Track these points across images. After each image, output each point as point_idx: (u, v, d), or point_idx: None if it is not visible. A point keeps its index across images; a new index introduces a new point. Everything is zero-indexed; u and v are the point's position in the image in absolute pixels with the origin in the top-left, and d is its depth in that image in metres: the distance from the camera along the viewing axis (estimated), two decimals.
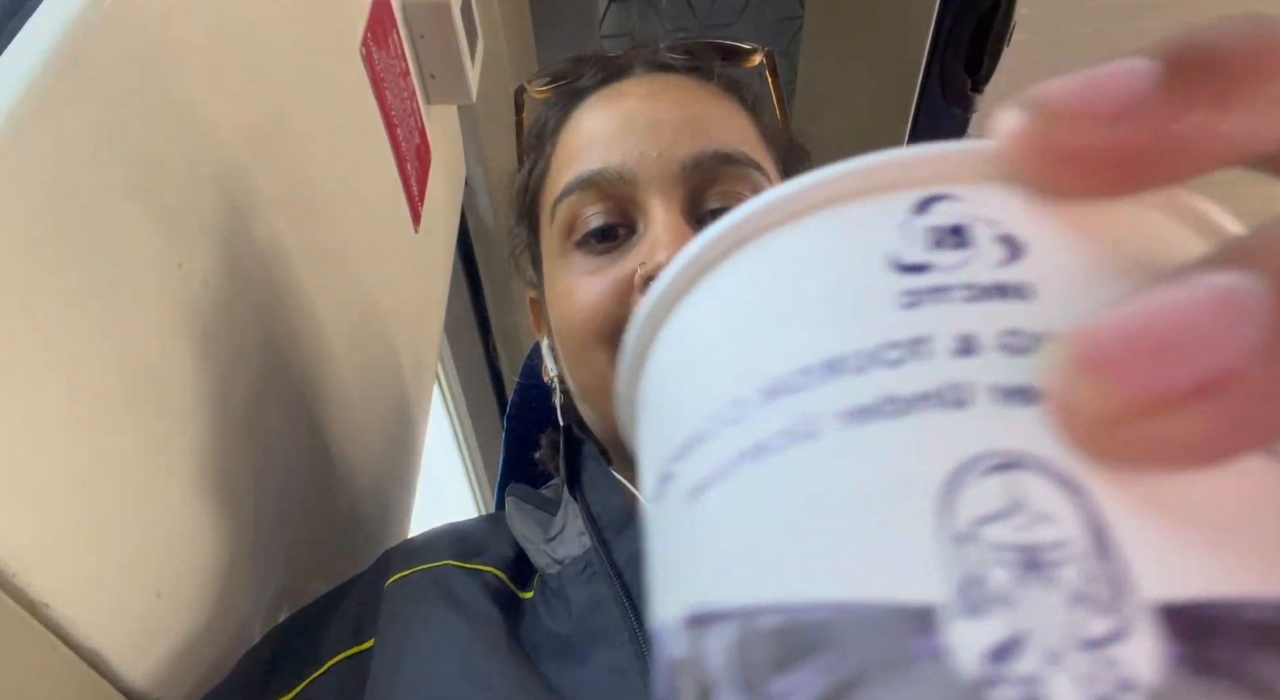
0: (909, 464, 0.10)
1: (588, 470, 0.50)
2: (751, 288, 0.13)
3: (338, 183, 0.50)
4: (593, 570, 0.43)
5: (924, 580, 0.09)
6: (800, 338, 0.12)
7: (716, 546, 0.11)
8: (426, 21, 0.63)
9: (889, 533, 0.10)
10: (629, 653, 0.39)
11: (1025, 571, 0.09)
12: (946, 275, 0.11)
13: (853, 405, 0.11)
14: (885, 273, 0.11)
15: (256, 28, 0.41)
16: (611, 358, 0.46)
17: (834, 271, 0.12)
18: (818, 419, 0.11)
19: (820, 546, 0.10)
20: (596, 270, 0.48)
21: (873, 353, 0.11)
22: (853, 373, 0.11)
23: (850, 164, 0.12)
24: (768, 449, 0.11)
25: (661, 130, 0.49)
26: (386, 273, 0.59)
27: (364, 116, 0.54)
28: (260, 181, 0.41)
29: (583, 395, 0.50)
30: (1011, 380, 0.10)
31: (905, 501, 0.10)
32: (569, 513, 0.48)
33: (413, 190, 0.63)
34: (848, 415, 0.11)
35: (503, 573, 0.46)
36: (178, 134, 0.35)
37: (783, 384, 0.11)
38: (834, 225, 0.12)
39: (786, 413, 0.11)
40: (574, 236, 0.49)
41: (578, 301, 0.48)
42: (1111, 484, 0.10)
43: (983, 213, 0.12)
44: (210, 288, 0.37)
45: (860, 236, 0.12)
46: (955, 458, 0.10)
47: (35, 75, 0.27)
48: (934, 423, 0.10)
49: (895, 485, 0.10)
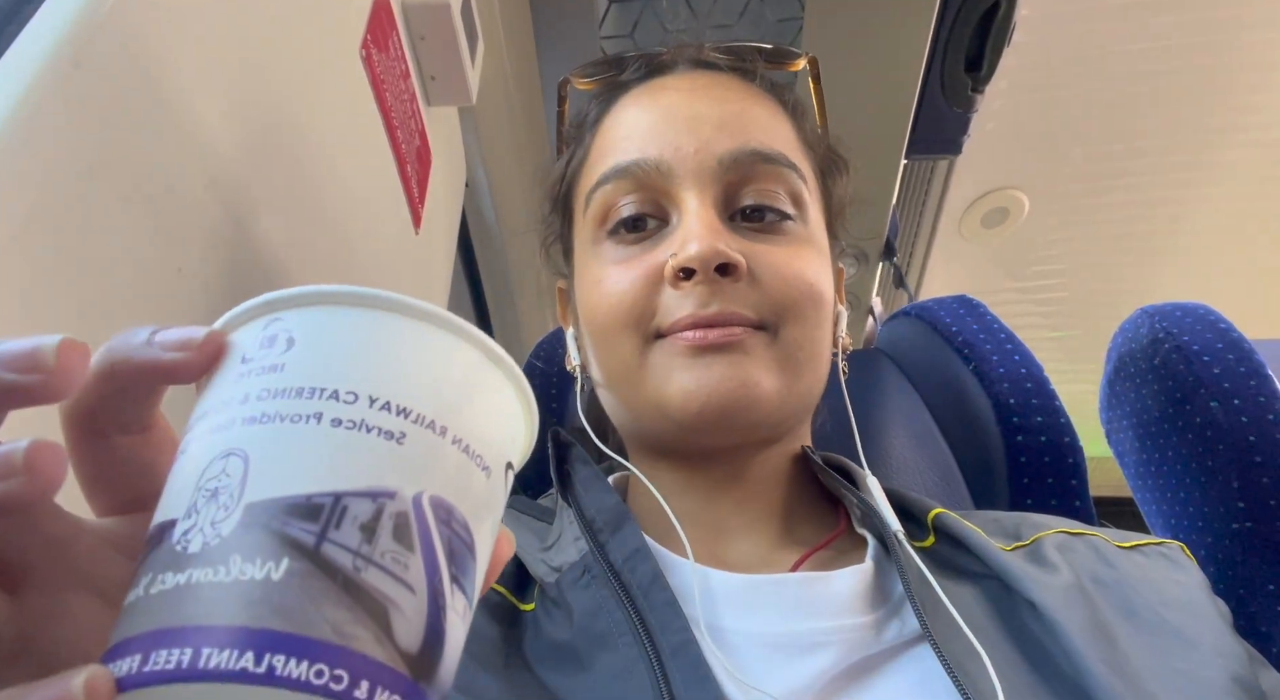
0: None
1: (578, 473, 0.49)
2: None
3: (338, 185, 0.50)
4: (591, 575, 0.43)
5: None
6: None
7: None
8: (426, 23, 0.63)
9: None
10: (633, 654, 0.38)
11: (210, 496, 0.19)
12: (260, 361, 0.21)
13: (255, 414, 0.20)
14: (240, 362, 0.21)
15: (257, 30, 0.41)
16: (637, 345, 0.47)
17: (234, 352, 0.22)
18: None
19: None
20: (627, 259, 0.48)
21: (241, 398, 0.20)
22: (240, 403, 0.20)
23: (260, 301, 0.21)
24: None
25: (701, 125, 0.49)
26: (387, 273, 0.59)
27: (364, 118, 0.54)
28: (260, 184, 0.41)
29: (608, 382, 0.51)
30: (256, 412, 0.20)
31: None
32: (564, 519, 0.48)
33: (413, 192, 0.63)
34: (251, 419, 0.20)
35: (502, 587, 0.46)
36: (177, 136, 0.35)
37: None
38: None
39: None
40: (606, 225, 0.50)
41: (606, 289, 0.48)
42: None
43: (284, 326, 0.21)
44: (210, 292, 0.36)
45: (235, 340, 0.22)
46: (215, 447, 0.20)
47: (35, 76, 0.27)
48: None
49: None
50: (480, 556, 0.21)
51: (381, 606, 0.18)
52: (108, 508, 0.23)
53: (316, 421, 0.19)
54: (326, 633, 0.17)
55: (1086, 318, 2.00)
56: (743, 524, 0.49)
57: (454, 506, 0.20)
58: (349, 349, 0.21)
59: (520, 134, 0.99)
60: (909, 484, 0.65)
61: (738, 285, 0.45)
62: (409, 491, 0.19)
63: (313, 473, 0.19)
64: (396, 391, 0.20)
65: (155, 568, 0.18)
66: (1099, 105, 1.56)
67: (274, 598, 0.17)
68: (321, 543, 0.18)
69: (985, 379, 0.68)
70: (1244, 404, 0.58)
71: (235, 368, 0.21)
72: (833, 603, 0.42)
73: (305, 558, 0.18)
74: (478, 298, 1.10)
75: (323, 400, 0.20)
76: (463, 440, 0.21)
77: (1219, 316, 0.63)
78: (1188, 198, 1.75)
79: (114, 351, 0.21)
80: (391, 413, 0.20)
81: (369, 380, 0.20)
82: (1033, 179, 1.72)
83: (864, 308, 1.22)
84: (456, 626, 0.20)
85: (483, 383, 0.22)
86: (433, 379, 0.21)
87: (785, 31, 0.94)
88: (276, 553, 0.18)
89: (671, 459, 0.51)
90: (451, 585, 0.20)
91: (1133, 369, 0.66)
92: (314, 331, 0.21)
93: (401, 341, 0.21)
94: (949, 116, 1.03)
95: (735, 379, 0.44)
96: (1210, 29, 1.43)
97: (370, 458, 0.19)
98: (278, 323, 0.21)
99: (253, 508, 0.18)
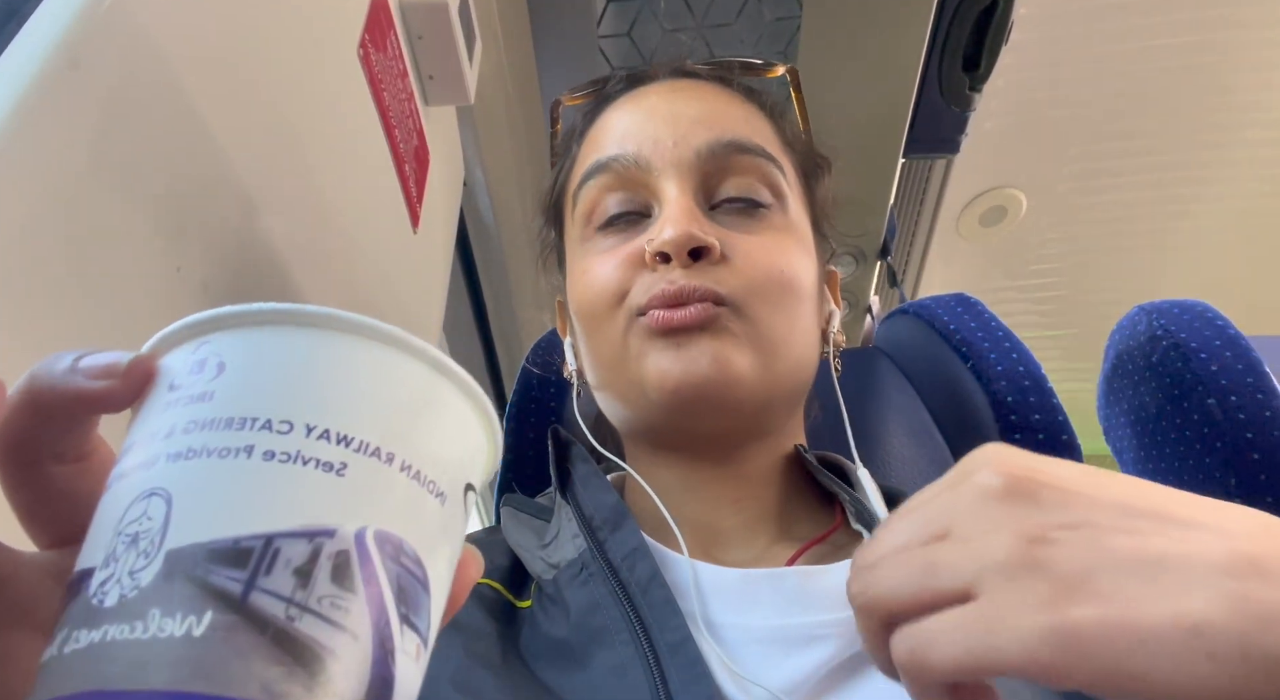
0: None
1: (577, 471, 0.50)
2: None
3: (336, 184, 0.50)
4: (589, 572, 0.43)
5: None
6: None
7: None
8: (424, 23, 0.63)
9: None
10: (630, 651, 0.39)
11: (130, 543, 0.17)
12: (188, 389, 0.19)
13: (180, 449, 0.19)
14: (167, 390, 0.20)
15: (255, 30, 0.41)
16: (620, 326, 0.48)
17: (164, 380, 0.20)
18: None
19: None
20: (611, 249, 0.50)
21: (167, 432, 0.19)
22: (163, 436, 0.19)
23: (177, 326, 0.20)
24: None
25: (679, 121, 0.50)
26: (385, 273, 0.59)
27: (362, 118, 0.54)
28: (258, 183, 0.41)
29: (598, 372, 0.51)
30: (181, 447, 0.18)
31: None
32: (563, 517, 0.48)
33: (411, 191, 0.63)
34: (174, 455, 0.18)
35: (497, 583, 0.46)
36: (176, 136, 0.35)
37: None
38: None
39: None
40: (592, 222, 0.51)
41: (590, 278, 0.50)
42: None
43: (214, 350, 0.20)
44: (210, 290, 0.37)
45: (165, 365, 0.20)
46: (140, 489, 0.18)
47: (35, 75, 0.27)
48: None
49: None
50: (436, 590, 0.20)
51: (319, 658, 0.17)
52: (49, 540, 0.22)
53: (247, 455, 0.18)
54: (255, 692, 0.16)
55: (1084, 316, 2.01)
56: (740, 523, 0.50)
57: (403, 539, 0.19)
58: (283, 373, 0.19)
59: (518, 133, 0.99)
60: (907, 481, 0.65)
61: (711, 268, 0.46)
62: (350, 528, 0.18)
63: (241, 513, 0.17)
64: (336, 418, 0.19)
65: (71, 622, 0.17)
66: (1097, 104, 1.57)
67: (196, 656, 0.16)
68: (250, 592, 0.17)
69: (983, 377, 0.68)
70: (1241, 401, 0.58)
71: (163, 396, 0.19)
72: (829, 596, 0.42)
73: (231, 609, 0.16)
74: (476, 297, 1.10)
75: (254, 431, 0.18)
76: (412, 466, 0.19)
77: (1217, 314, 0.63)
78: (1185, 196, 1.75)
79: (36, 379, 0.20)
80: (331, 442, 0.18)
81: (305, 407, 0.19)
82: (1030, 178, 1.73)
83: (862, 307, 1.23)
84: (408, 669, 0.19)
85: (434, 401, 0.21)
86: (377, 402, 0.20)
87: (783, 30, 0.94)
88: (199, 605, 0.16)
89: (666, 454, 0.51)
90: (401, 626, 0.18)
91: (1130, 367, 0.66)
92: (246, 355, 0.19)
93: (341, 362, 0.20)
94: (947, 115, 1.03)
95: (708, 357, 0.45)
96: (1208, 28, 1.43)
97: (306, 493, 0.18)
98: (206, 346, 0.20)
99: (174, 555, 0.17)
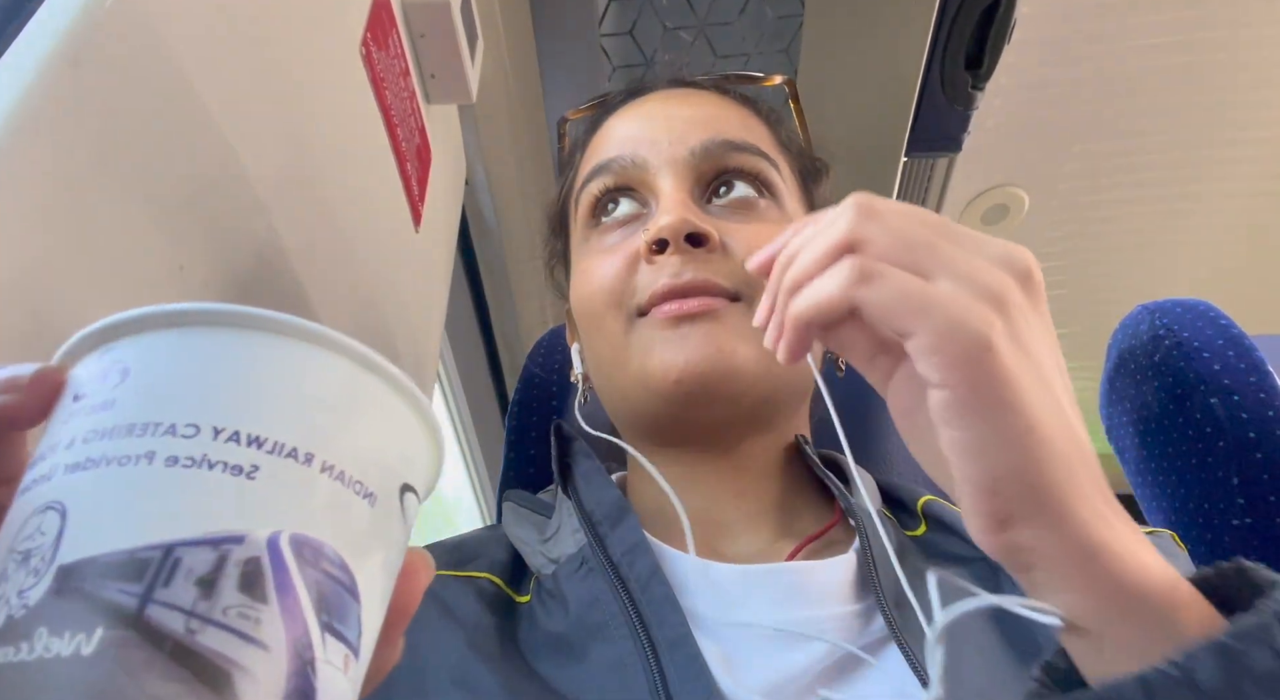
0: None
1: (579, 466, 0.50)
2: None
3: (338, 182, 0.50)
4: (589, 567, 0.43)
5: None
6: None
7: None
8: (426, 21, 0.63)
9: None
10: (628, 646, 0.39)
11: (21, 561, 0.16)
12: (92, 398, 0.18)
13: (78, 459, 0.18)
14: (71, 400, 0.19)
15: (256, 28, 0.41)
16: (621, 325, 0.48)
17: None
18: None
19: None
20: (611, 248, 0.51)
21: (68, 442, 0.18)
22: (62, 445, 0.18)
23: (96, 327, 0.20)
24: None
25: (674, 122, 0.52)
26: (387, 272, 0.59)
27: (364, 116, 0.54)
28: (260, 181, 0.41)
29: (599, 371, 0.52)
30: (80, 457, 0.17)
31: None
32: (563, 512, 0.48)
33: (413, 190, 0.63)
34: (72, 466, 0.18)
35: (496, 576, 0.47)
36: (177, 135, 0.35)
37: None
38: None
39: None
40: (594, 222, 0.53)
41: (591, 276, 0.51)
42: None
43: (117, 356, 0.19)
44: (211, 289, 0.37)
45: (74, 375, 0.20)
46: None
47: (35, 75, 0.27)
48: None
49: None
50: (369, 596, 0.19)
51: (224, 672, 0.16)
52: None
53: (148, 462, 0.17)
54: None
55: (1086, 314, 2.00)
56: (741, 517, 0.50)
57: (323, 544, 0.18)
58: (190, 376, 0.18)
59: (520, 132, 0.98)
60: (910, 477, 0.65)
61: (711, 256, 0.47)
62: (262, 533, 0.17)
63: (139, 523, 0.16)
64: (247, 419, 0.18)
65: None
66: (1100, 102, 1.56)
67: (86, 677, 0.15)
68: (146, 605, 0.16)
69: None
70: (1244, 400, 0.58)
71: (68, 407, 0.19)
72: (822, 591, 0.42)
73: (124, 625, 0.15)
74: (477, 296, 1.10)
75: (156, 437, 0.17)
76: (335, 466, 0.19)
77: (1219, 313, 0.63)
78: (1188, 194, 1.74)
79: None
80: (241, 443, 0.18)
81: (214, 409, 0.18)
82: (1033, 176, 1.72)
83: None
84: (334, 680, 0.18)
85: (360, 399, 0.20)
86: (294, 401, 0.19)
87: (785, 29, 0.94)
88: (88, 622, 0.15)
89: (669, 448, 0.51)
90: (324, 635, 0.17)
91: (1133, 365, 0.66)
92: (151, 360, 0.19)
93: (255, 362, 0.19)
94: (949, 114, 1.03)
95: (711, 346, 0.45)
96: (1211, 27, 1.43)
97: (212, 499, 0.17)
98: (111, 353, 0.19)
99: (66, 571, 0.16)
